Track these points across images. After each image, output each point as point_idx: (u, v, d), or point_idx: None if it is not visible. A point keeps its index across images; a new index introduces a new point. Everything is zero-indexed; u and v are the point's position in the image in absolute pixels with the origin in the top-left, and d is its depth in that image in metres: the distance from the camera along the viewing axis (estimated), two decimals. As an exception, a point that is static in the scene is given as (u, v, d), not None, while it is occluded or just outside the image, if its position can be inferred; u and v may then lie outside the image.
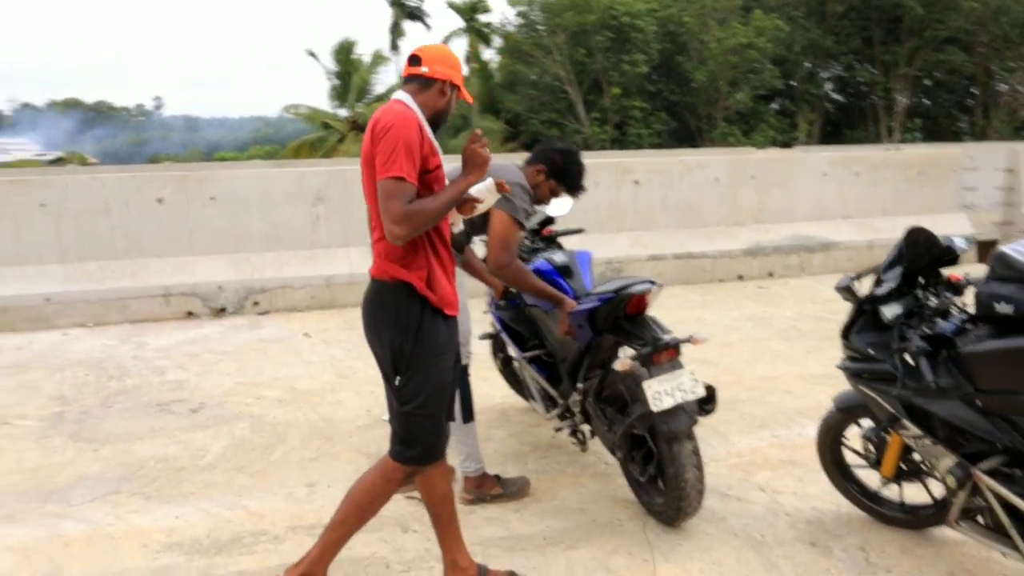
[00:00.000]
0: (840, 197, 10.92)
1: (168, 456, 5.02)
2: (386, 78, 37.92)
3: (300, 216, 8.92)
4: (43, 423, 5.63)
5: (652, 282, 4.03)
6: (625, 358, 3.86)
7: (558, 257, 4.59)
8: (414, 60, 3.20)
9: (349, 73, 37.64)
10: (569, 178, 4.38)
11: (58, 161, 58.01)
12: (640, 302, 4.01)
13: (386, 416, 5.52)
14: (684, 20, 31.94)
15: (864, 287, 3.68)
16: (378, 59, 37.40)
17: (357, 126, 35.15)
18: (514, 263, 4.13)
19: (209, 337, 7.77)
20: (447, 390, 3.23)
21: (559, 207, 4.98)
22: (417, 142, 2.95)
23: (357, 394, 6.10)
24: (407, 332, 3.07)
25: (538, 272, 4.45)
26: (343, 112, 37.23)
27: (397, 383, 3.15)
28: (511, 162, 4.48)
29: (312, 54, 37.53)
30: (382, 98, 37.01)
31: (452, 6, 37.15)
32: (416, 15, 36.79)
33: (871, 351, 3.52)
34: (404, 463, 3.26)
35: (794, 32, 32.89)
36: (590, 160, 10.80)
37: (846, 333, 3.65)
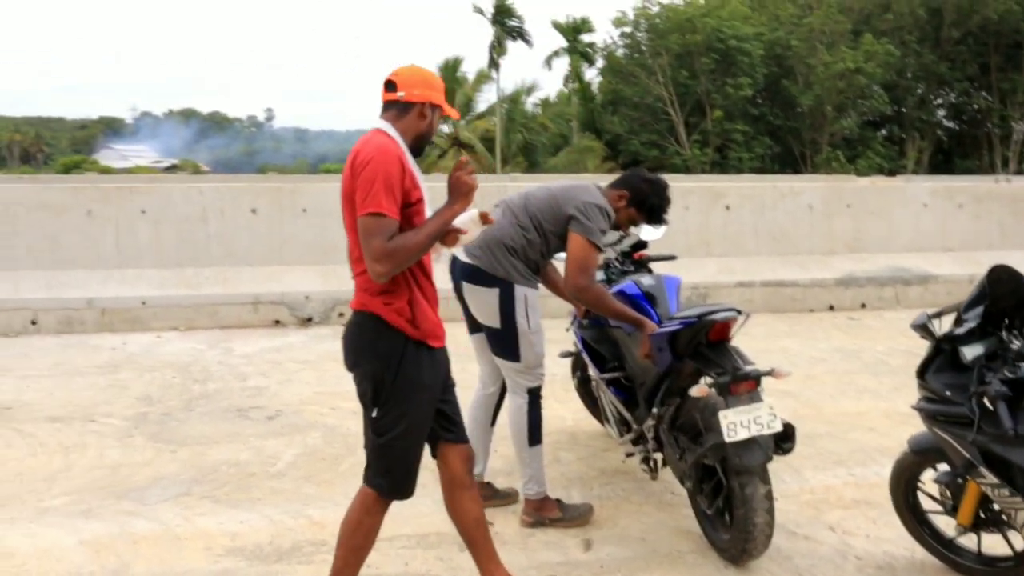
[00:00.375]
0: (941, 229, 10.56)
1: (240, 461, 5.13)
2: (489, 96, 38.15)
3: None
4: (127, 422, 5.82)
5: (737, 311, 3.93)
6: (702, 384, 3.79)
7: (646, 280, 4.53)
8: (390, 86, 3.10)
9: (453, 90, 38.15)
10: (650, 209, 4.34)
11: (172, 168, 60.19)
12: (723, 329, 3.93)
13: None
14: (791, 43, 31.43)
15: (944, 325, 3.54)
16: (481, 77, 37.83)
17: (458, 142, 35.55)
18: (593, 286, 4.10)
19: (293, 346, 7.93)
20: (424, 425, 3.15)
21: (652, 232, 4.94)
22: (398, 176, 2.90)
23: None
24: (387, 364, 3.01)
25: (624, 294, 4.41)
26: (444, 128, 37.73)
27: (374, 414, 3.09)
28: (591, 183, 4.45)
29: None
30: (483, 116, 37.41)
31: (556, 26, 37.35)
32: (517, 34, 37.05)
33: (948, 393, 3.36)
34: (379, 493, 3.18)
35: (906, 57, 32.07)
36: (681, 184, 10.73)
37: (922, 372, 3.51)
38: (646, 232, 4.94)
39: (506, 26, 36.76)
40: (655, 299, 4.39)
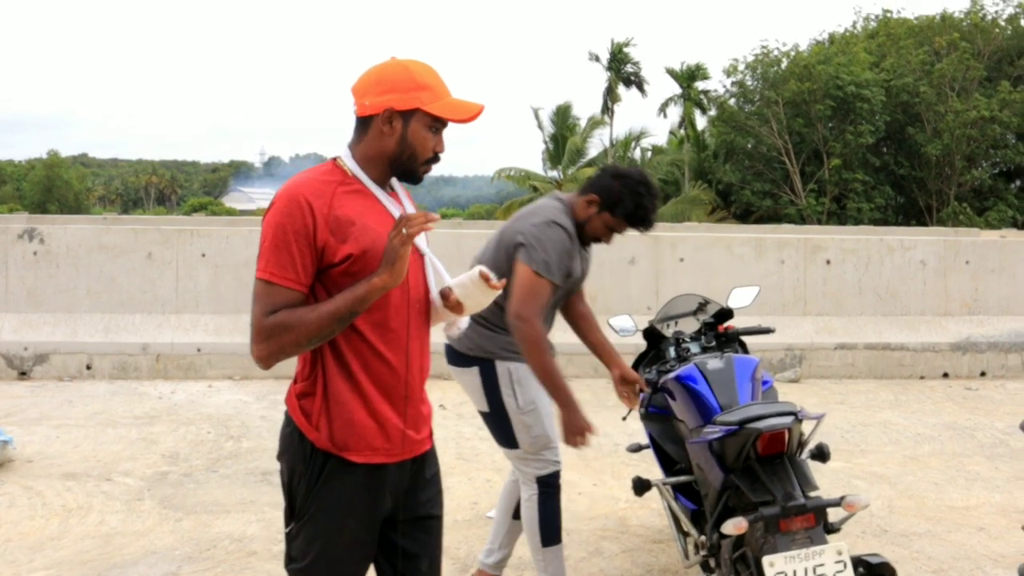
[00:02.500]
0: (1077, 290, 9.41)
1: (245, 536, 4.61)
2: (601, 142, 37.73)
3: (455, 279, 8.52)
4: (143, 483, 5.40)
5: (795, 414, 3.09)
6: (740, 519, 2.98)
7: (712, 363, 3.65)
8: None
9: (565, 136, 37.88)
10: (627, 212, 3.56)
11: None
12: (775, 441, 3.11)
13: (491, 513, 4.95)
14: (920, 90, 29.94)
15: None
16: (593, 123, 37.41)
17: (562, 189, 35.12)
18: (534, 321, 3.38)
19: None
20: (349, 563, 2.32)
21: (740, 298, 4.21)
22: (299, 228, 2.14)
23: (469, 480, 5.53)
24: (297, 474, 2.28)
25: (682, 381, 3.63)
26: (554, 174, 37.44)
27: (286, 531, 2.34)
28: (552, 196, 3.74)
29: (535, 112, 38.01)
30: (593, 162, 36.96)
31: (670, 72, 36.71)
32: (632, 81, 36.57)
33: None
34: None
35: (1043, 105, 30.15)
36: (776, 235, 9.87)
37: None
38: (734, 298, 4.22)
39: (621, 72, 36.31)
40: (720, 386, 3.54)
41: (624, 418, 4.12)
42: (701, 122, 37.36)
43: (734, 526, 2.94)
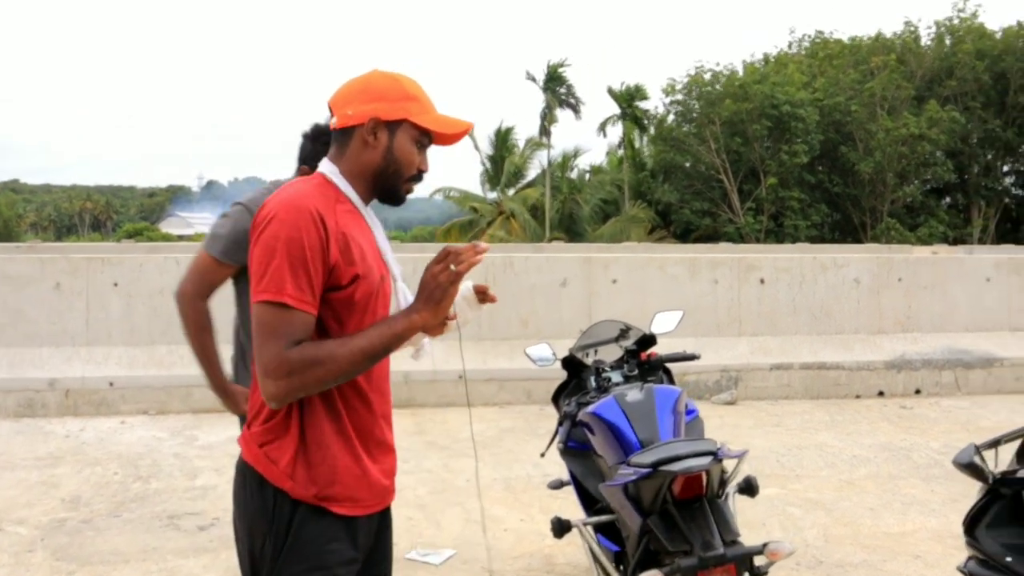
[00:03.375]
0: (1007, 306, 9.42)
1: (142, 588, 4.28)
2: (540, 163, 37.71)
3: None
4: (37, 532, 5.02)
5: (714, 454, 2.87)
6: (654, 572, 2.75)
7: (631, 395, 3.43)
8: (330, 114, 2.18)
9: (504, 157, 37.79)
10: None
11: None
12: (691, 484, 2.89)
13: (413, 554, 4.68)
14: (852, 108, 30.38)
15: (1003, 459, 2.59)
16: (533, 144, 37.37)
17: (505, 211, 35.04)
18: (192, 299, 3.23)
19: (264, 435, 7.11)
20: None
21: (664, 323, 3.99)
22: (313, 244, 1.93)
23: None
24: (267, 532, 2.02)
25: (599, 415, 3.39)
26: (492, 195, 37.33)
27: None
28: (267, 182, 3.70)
29: (472, 136, 37.87)
30: (533, 183, 36.92)
31: (611, 93, 36.81)
32: (566, 102, 36.64)
33: (1009, 559, 2.40)
34: None
35: (971, 123, 30.76)
36: (709, 255, 9.75)
37: (971, 526, 2.54)
38: (657, 324, 4.01)
39: (556, 93, 36.35)
40: (639, 420, 3.31)
41: (542, 454, 3.87)
42: (639, 142, 37.51)
43: None
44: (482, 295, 2.28)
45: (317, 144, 3.33)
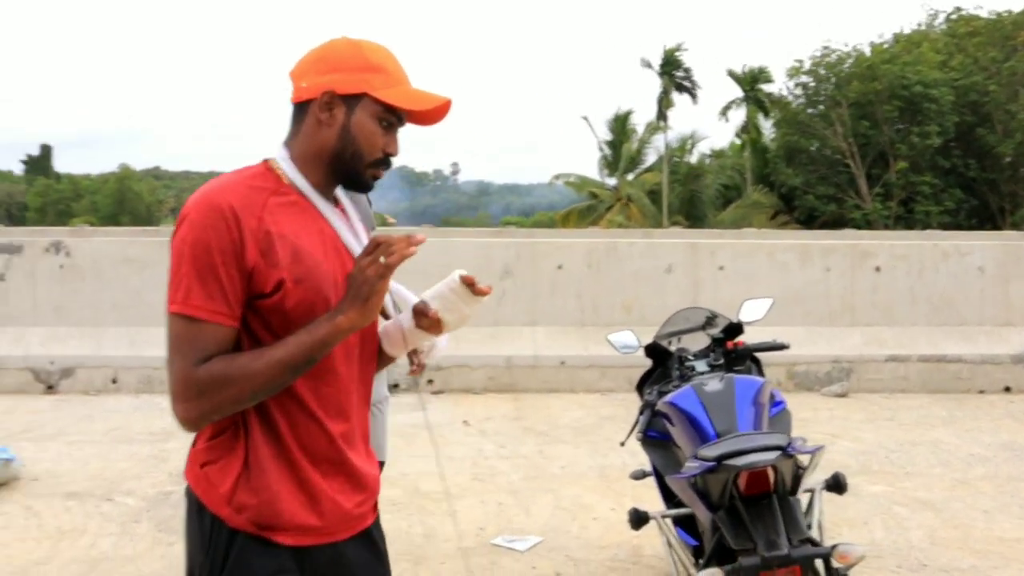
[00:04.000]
0: None
1: (234, 563, 4.39)
2: (657, 148, 37.20)
3: (484, 290, 8.25)
4: (143, 503, 5.24)
5: (782, 448, 2.73)
6: (714, 570, 2.66)
7: (710, 385, 3.32)
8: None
9: (621, 143, 37.46)
10: None
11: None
12: (757, 480, 2.77)
13: (499, 540, 4.67)
14: (990, 88, 28.87)
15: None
16: (651, 129, 36.90)
17: (624, 196, 34.73)
18: None
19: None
20: None
21: (752, 311, 3.86)
22: (228, 244, 1.69)
23: (481, 503, 5.24)
24: (202, 563, 1.82)
25: (677, 405, 3.30)
26: (611, 181, 37.06)
27: None
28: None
29: (587, 120, 37.67)
30: (651, 168, 36.47)
31: (732, 75, 36.02)
32: (683, 87, 35.99)
33: None
34: None
35: (1122, 103, 28.85)
36: (819, 241, 9.39)
37: None
38: (745, 312, 3.87)
39: (673, 78, 35.78)
40: (717, 411, 3.19)
41: (622, 443, 3.78)
42: (764, 125, 36.57)
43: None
44: (471, 286, 1.90)
45: None
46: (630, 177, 36.58)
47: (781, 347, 3.83)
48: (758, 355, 3.88)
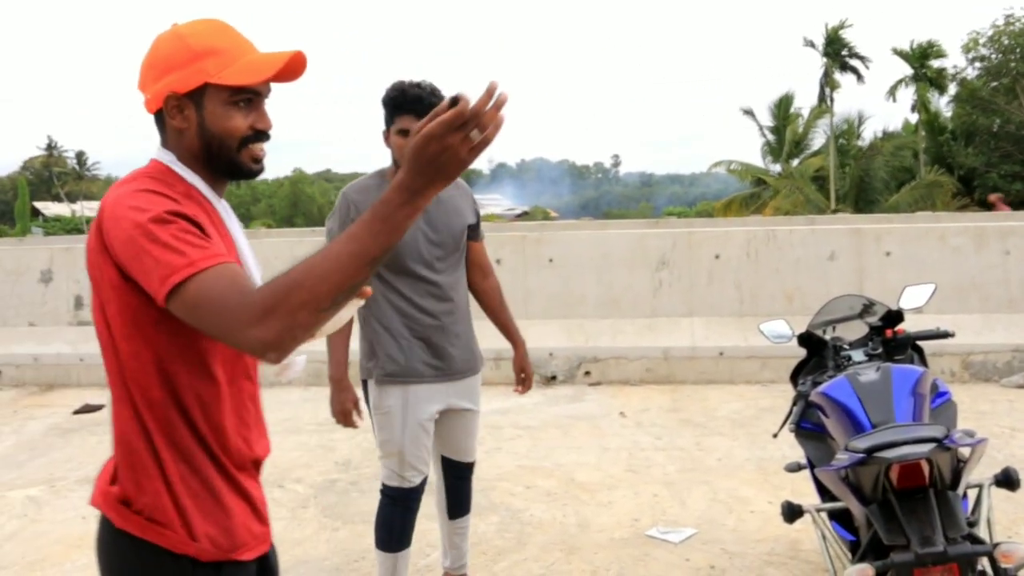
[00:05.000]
0: None
1: (395, 548, 4.56)
2: (824, 131, 35.86)
3: (640, 281, 8.22)
4: (311, 490, 5.51)
5: (939, 441, 2.59)
6: (864, 566, 2.56)
7: (865, 376, 3.20)
8: None
9: (784, 127, 36.37)
10: (398, 108, 3.37)
11: (523, 215, 63.25)
12: (911, 473, 2.64)
13: (653, 531, 4.65)
14: None
15: None
16: (816, 112, 35.63)
17: (789, 183, 33.70)
18: None
19: (523, 407, 7.30)
20: None
21: (913, 298, 3.72)
22: (179, 209, 1.61)
23: (635, 495, 5.23)
24: None
25: (830, 396, 3.20)
26: (775, 167, 36.03)
27: None
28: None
29: (750, 112, 36.75)
30: (817, 153, 35.22)
31: (899, 52, 34.34)
32: (848, 66, 34.50)
33: None
34: None
35: None
36: (996, 223, 8.83)
37: None
38: (906, 299, 3.73)
39: (837, 57, 34.38)
40: (873, 401, 3.06)
41: (775, 435, 3.70)
42: (936, 103, 34.65)
43: (858, 573, 2.52)
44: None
45: (388, 93, 3.42)
46: (795, 163, 35.45)
47: (945, 335, 3.66)
48: (921, 344, 3.72)
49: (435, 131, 1.40)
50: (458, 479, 3.89)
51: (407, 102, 3.31)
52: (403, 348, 3.50)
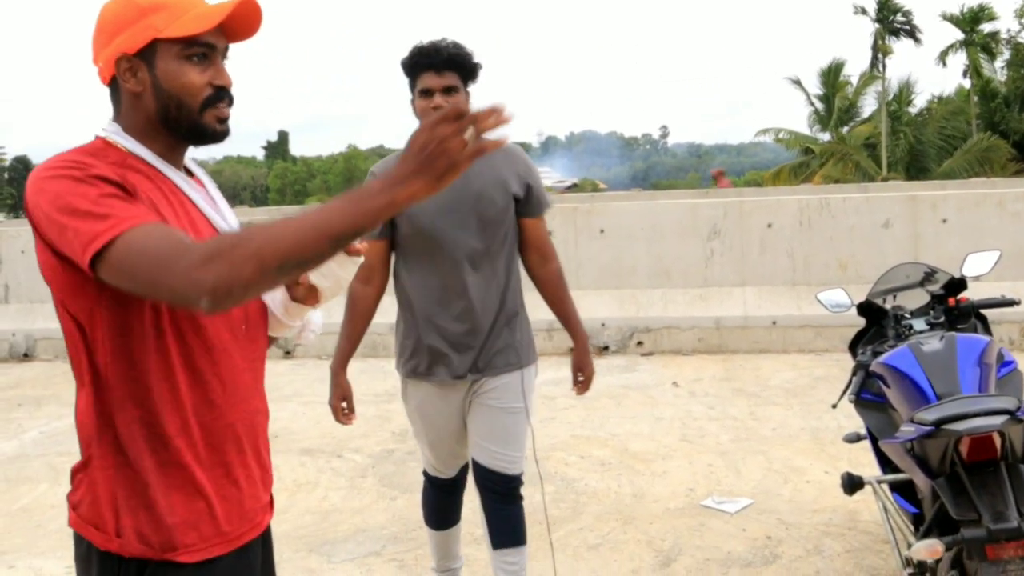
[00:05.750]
0: None
1: (452, 517, 4.62)
2: (875, 99, 35.16)
3: (691, 251, 8.18)
4: (369, 460, 5.60)
5: (1011, 413, 2.54)
6: (932, 542, 2.54)
7: (928, 345, 3.13)
8: None
9: (833, 95, 35.75)
10: (416, 67, 3.04)
11: (573, 188, 63.12)
12: (981, 446, 2.61)
13: (708, 501, 4.66)
14: None
15: None
16: (866, 79, 34.95)
17: (838, 151, 33.18)
18: (354, 284, 2.92)
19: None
20: None
21: (977, 265, 3.66)
22: (102, 180, 1.50)
23: (690, 464, 5.24)
24: None
25: (892, 366, 3.13)
26: (824, 136, 35.46)
27: None
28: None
29: (797, 82, 36.12)
30: (867, 120, 34.58)
31: (949, 18, 33.51)
32: (904, 31, 33.72)
33: None
34: None
35: None
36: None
37: None
38: (969, 266, 3.67)
39: (889, 23, 33.62)
40: (937, 372, 2.99)
41: (834, 405, 3.68)
42: (989, 69, 33.77)
43: (926, 550, 2.51)
44: (351, 250, 1.73)
45: (402, 67, 3.10)
46: (844, 131, 34.85)
47: (1011, 303, 3.60)
48: (985, 313, 3.67)
49: (431, 120, 1.38)
50: (496, 497, 3.27)
51: (423, 58, 2.99)
52: (421, 341, 3.18)
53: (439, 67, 2.96)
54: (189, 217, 1.63)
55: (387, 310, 3.41)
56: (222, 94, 1.64)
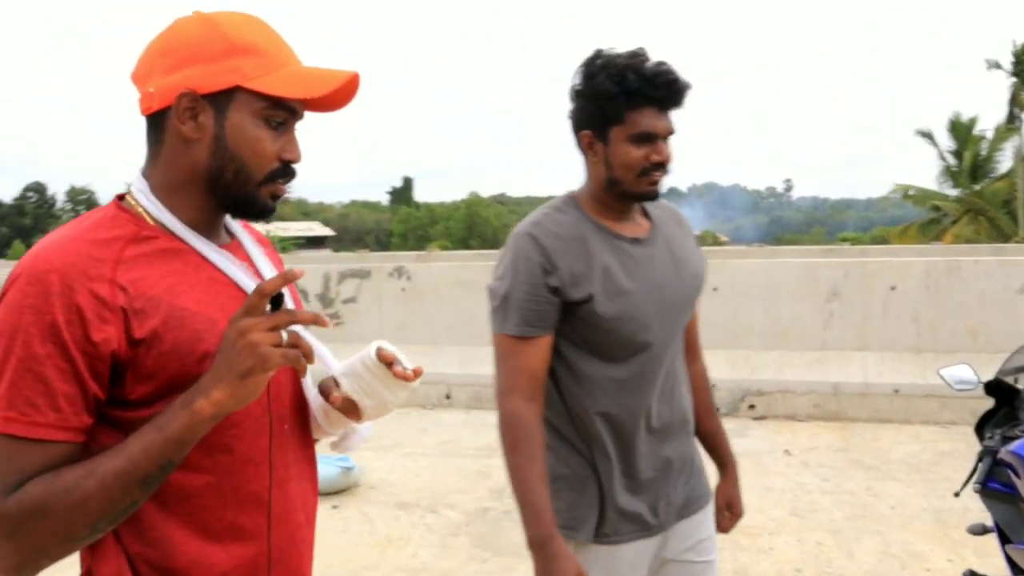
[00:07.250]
0: None
1: (545, 584, 4.47)
2: (1017, 153, 33.63)
3: (809, 312, 7.86)
4: (464, 517, 5.49)
5: None
6: None
7: None
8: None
9: (966, 150, 34.39)
10: (601, 113, 2.11)
11: (697, 239, 62.83)
12: None
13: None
14: None
15: None
16: (1002, 133, 33.50)
17: (971, 208, 31.83)
18: (515, 403, 2.12)
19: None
20: None
21: None
22: (57, 329, 1.22)
23: (798, 542, 4.95)
24: None
25: (1022, 457, 2.81)
26: (954, 192, 34.10)
27: None
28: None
29: (928, 135, 34.92)
30: (1004, 176, 33.12)
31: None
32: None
33: None
34: None
35: None
36: None
37: None
38: None
39: (1024, 75, 32.17)
40: None
41: (956, 494, 3.39)
42: None
43: None
44: (390, 365, 1.46)
45: (583, 83, 2.14)
46: (977, 188, 33.41)
47: None
48: None
49: (237, 313, 1.23)
50: None
51: (650, 88, 2.07)
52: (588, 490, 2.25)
53: (665, 103, 2.12)
54: (226, 296, 1.37)
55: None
56: (288, 170, 1.40)
